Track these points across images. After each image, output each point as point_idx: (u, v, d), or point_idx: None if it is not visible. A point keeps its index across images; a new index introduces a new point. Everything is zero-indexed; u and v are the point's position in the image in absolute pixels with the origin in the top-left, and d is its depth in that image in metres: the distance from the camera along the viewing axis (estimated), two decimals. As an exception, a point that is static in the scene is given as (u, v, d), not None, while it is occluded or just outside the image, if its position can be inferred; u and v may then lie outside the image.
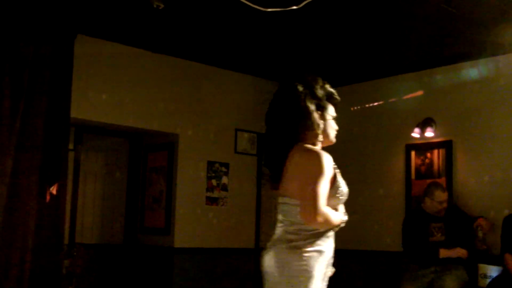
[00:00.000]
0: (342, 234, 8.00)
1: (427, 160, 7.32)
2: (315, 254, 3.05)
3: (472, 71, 7.02)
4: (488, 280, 6.07)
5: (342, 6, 5.60)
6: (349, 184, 7.97)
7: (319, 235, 3.08)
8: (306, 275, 3.01)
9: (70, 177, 6.62)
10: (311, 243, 3.05)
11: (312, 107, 3.12)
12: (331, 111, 3.27)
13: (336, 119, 3.35)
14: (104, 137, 7.63)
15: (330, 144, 3.28)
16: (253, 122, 7.79)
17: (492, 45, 6.49)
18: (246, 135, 7.75)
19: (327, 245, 3.16)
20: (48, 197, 5.86)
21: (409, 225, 6.60)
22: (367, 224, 7.70)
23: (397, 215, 7.29)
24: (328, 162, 3.02)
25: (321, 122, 3.17)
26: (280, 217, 3.15)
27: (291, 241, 3.03)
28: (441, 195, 6.43)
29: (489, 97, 6.89)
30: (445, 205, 6.44)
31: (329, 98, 3.27)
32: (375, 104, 7.76)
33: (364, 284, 7.59)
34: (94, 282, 7.19)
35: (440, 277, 6.17)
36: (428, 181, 6.99)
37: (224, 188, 7.49)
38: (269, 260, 3.09)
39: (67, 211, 6.34)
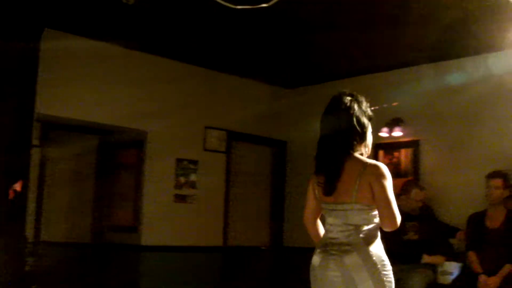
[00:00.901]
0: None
1: (394, 160, 7.37)
2: (384, 251, 3.35)
3: (441, 73, 7.11)
4: (449, 277, 6.12)
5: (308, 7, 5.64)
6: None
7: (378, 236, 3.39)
8: (389, 269, 3.30)
9: (36, 174, 6.54)
10: (380, 242, 3.36)
11: (367, 123, 3.48)
12: (370, 132, 3.55)
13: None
14: (72, 133, 7.53)
15: (368, 156, 3.52)
16: (223, 120, 7.80)
17: (460, 48, 6.57)
18: (215, 132, 7.73)
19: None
20: (11, 194, 5.77)
21: None
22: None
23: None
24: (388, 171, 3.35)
25: (368, 137, 3.49)
26: (343, 222, 3.37)
27: (368, 242, 3.30)
28: (418, 194, 6.53)
29: (456, 98, 6.95)
30: (420, 204, 6.51)
31: (370, 117, 3.54)
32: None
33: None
34: (58, 281, 7.10)
35: (407, 276, 6.20)
36: (395, 180, 7.00)
37: (193, 185, 7.46)
38: (354, 265, 3.27)
39: (33, 209, 6.26)
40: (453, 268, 6.13)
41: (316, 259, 3.48)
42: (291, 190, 8.45)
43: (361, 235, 3.31)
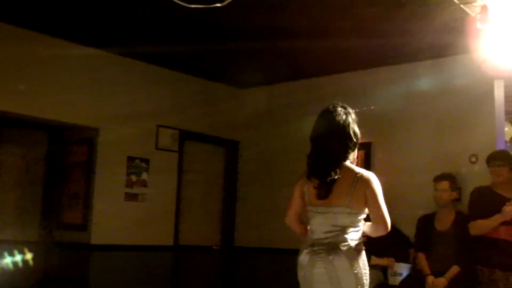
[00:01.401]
0: (262, 232, 8.11)
1: (346, 161, 7.44)
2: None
3: (393, 75, 7.23)
4: (398, 278, 6.22)
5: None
6: (271, 182, 8.10)
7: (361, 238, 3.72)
8: (367, 266, 3.67)
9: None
10: (362, 243, 3.70)
11: (359, 138, 3.78)
12: None
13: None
14: (21, 129, 7.41)
15: (355, 161, 3.86)
16: (176, 119, 7.77)
17: (413, 52, 6.70)
18: (168, 131, 7.70)
19: None
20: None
21: None
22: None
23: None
24: None
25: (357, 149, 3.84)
26: (331, 223, 3.66)
27: (355, 244, 3.63)
28: None
29: (408, 101, 7.08)
30: None
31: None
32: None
33: (284, 282, 7.65)
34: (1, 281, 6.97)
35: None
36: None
37: (144, 184, 7.42)
38: (339, 263, 3.58)
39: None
40: (402, 269, 6.23)
41: (304, 258, 3.72)
42: (243, 190, 8.47)
43: (347, 237, 3.62)
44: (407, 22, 5.89)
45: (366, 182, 3.63)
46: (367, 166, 7.19)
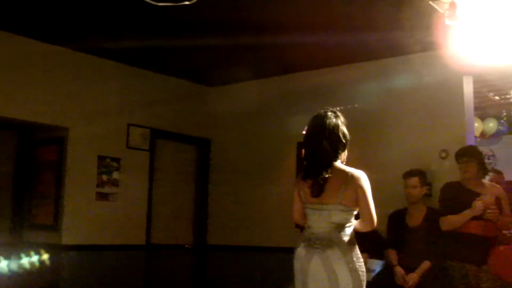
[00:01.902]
0: (234, 230, 8.13)
1: (317, 158, 7.47)
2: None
3: (362, 72, 7.28)
4: (371, 274, 6.26)
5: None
6: (243, 180, 8.12)
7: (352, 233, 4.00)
8: (362, 260, 3.94)
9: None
10: (353, 237, 3.97)
11: (347, 134, 4.08)
12: None
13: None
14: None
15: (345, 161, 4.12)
16: (146, 117, 7.74)
17: (381, 48, 6.74)
18: (139, 130, 7.66)
19: None
20: None
21: None
22: (259, 220, 7.80)
23: (288, 211, 7.37)
24: None
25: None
26: (326, 220, 3.94)
27: (347, 238, 3.90)
28: None
29: (377, 97, 7.13)
30: None
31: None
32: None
33: (256, 279, 7.67)
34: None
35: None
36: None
37: (115, 183, 7.37)
38: (335, 257, 3.85)
39: None
40: (375, 266, 6.26)
41: (301, 252, 3.99)
42: (215, 189, 8.47)
43: (341, 232, 3.91)
44: (376, 18, 5.93)
45: (357, 181, 3.90)
46: (339, 163, 7.23)
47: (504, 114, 9.92)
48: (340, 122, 4.07)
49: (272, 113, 7.96)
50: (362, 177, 3.94)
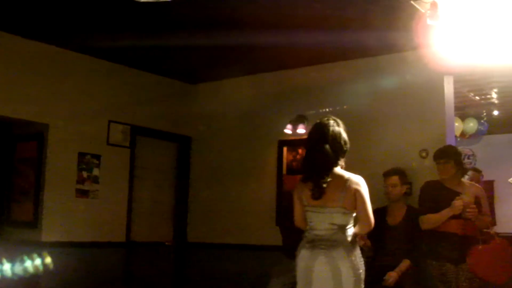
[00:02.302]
0: (214, 228, 8.13)
1: (298, 156, 7.51)
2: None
3: (343, 71, 7.30)
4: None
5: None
6: (223, 178, 8.10)
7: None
8: (362, 262, 4.27)
9: None
10: (354, 237, 4.29)
11: (347, 141, 4.39)
12: None
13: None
14: (-32, 125, 7.29)
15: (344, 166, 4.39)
16: (127, 114, 7.71)
17: (362, 47, 6.76)
18: (119, 127, 7.63)
19: None
20: None
21: (287, 220, 6.73)
22: (240, 218, 7.81)
23: (269, 209, 7.43)
24: None
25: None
26: (328, 221, 4.24)
27: (350, 239, 4.22)
28: None
29: (358, 97, 7.15)
30: None
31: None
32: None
33: (236, 276, 7.67)
34: None
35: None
36: (299, 176, 7.13)
37: (95, 180, 7.34)
38: (340, 257, 4.15)
39: None
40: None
41: (306, 252, 4.28)
42: (195, 186, 8.46)
43: (344, 233, 4.21)
44: (357, 18, 5.95)
45: (356, 185, 4.21)
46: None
47: (484, 114, 9.99)
48: (342, 130, 4.36)
49: (253, 111, 7.97)
50: (360, 182, 4.24)
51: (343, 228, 4.23)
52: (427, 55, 6.45)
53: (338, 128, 4.36)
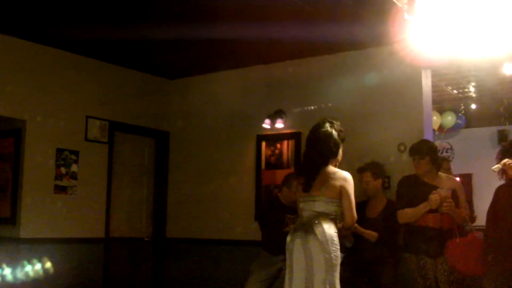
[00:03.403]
0: (193, 223, 8.11)
1: (277, 151, 7.51)
2: (336, 233, 4.66)
3: (320, 66, 7.31)
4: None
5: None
6: (202, 173, 8.08)
7: (337, 223, 4.71)
8: (337, 246, 4.61)
9: None
10: (334, 225, 4.67)
11: (340, 144, 4.87)
12: (341, 147, 4.92)
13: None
14: None
15: (336, 167, 4.88)
16: (105, 110, 7.68)
17: (340, 41, 6.76)
18: (97, 122, 7.59)
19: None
20: None
21: (266, 215, 6.77)
22: (219, 213, 7.81)
23: (247, 204, 7.44)
24: None
25: (338, 156, 4.90)
26: (310, 209, 4.75)
27: (324, 224, 4.60)
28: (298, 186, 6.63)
29: (336, 91, 7.16)
30: None
31: (342, 139, 4.91)
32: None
33: (216, 272, 7.67)
34: None
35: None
36: (277, 171, 7.22)
37: (74, 176, 7.30)
38: (312, 241, 4.58)
39: None
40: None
41: (289, 237, 4.78)
42: (174, 181, 8.44)
43: (322, 220, 4.62)
44: (335, 12, 5.95)
45: (342, 180, 4.73)
46: (297, 155, 7.27)
47: (462, 107, 10.06)
48: (335, 133, 4.83)
49: (231, 106, 7.96)
50: (346, 176, 4.76)
51: (322, 215, 4.66)
52: (405, 49, 6.46)
53: (330, 130, 4.82)
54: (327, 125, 4.87)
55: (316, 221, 4.64)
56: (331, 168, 4.82)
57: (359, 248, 6.12)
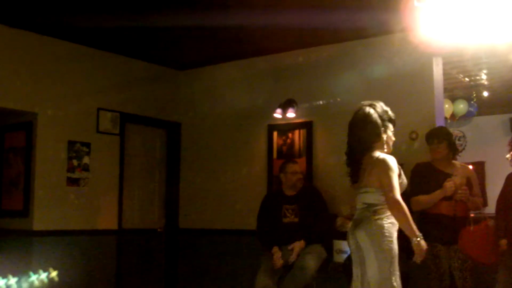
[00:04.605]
0: (206, 213, 8.12)
1: (288, 140, 7.49)
2: (391, 225, 4.29)
3: (331, 53, 7.28)
4: (343, 255, 6.29)
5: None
6: (213, 163, 8.08)
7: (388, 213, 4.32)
8: (389, 239, 4.26)
9: None
10: (387, 217, 4.29)
11: (381, 126, 4.45)
12: (391, 128, 4.54)
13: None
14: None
15: (389, 151, 4.49)
16: (116, 102, 7.69)
17: (350, 29, 6.73)
18: (108, 114, 7.60)
19: (394, 220, 4.32)
20: None
21: (262, 208, 6.78)
22: (231, 203, 7.81)
23: (259, 194, 7.42)
24: (394, 163, 4.31)
25: (385, 136, 4.46)
26: (361, 201, 4.43)
27: (374, 217, 4.29)
28: (291, 166, 6.68)
29: (347, 79, 7.14)
30: (299, 176, 6.68)
31: (390, 119, 4.53)
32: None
33: (228, 262, 7.68)
34: None
35: (301, 256, 6.32)
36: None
37: (86, 168, 7.32)
38: (360, 235, 4.31)
39: None
40: (347, 247, 6.28)
41: (348, 229, 4.56)
42: (186, 172, 8.44)
43: (372, 212, 4.31)
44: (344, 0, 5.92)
45: (379, 164, 4.31)
46: (309, 145, 7.26)
47: (474, 95, 10.00)
48: (372, 112, 4.45)
49: (242, 96, 7.94)
50: (384, 161, 4.31)
51: (372, 207, 4.33)
52: (416, 36, 6.43)
53: (367, 111, 4.47)
54: (365, 107, 4.51)
55: (366, 214, 4.34)
56: (374, 154, 4.38)
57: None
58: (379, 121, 4.44)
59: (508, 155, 5.30)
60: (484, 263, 5.57)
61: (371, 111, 4.46)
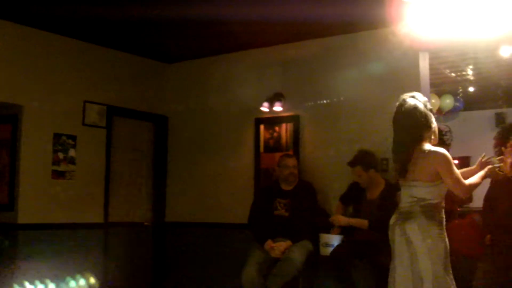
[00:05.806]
0: (193, 207, 8.12)
1: (275, 134, 7.50)
2: (442, 219, 4.32)
3: (318, 48, 7.28)
4: (330, 248, 6.31)
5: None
6: (201, 157, 8.08)
7: (441, 208, 4.33)
8: (442, 236, 4.27)
9: None
10: (440, 213, 4.31)
11: (430, 115, 4.39)
12: (434, 120, 4.46)
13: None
14: None
15: (436, 142, 4.46)
16: (103, 94, 7.65)
17: (336, 24, 6.73)
18: (95, 107, 7.56)
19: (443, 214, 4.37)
20: None
21: (256, 198, 6.80)
22: (218, 197, 7.81)
23: (246, 188, 7.44)
24: (448, 154, 4.26)
25: (433, 126, 4.42)
26: (409, 195, 4.35)
27: (424, 211, 4.25)
28: (286, 160, 6.76)
29: (333, 74, 7.15)
30: (293, 170, 6.72)
31: (430, 109, 4.46)
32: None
33: (215, 255, 7.69)
34: None
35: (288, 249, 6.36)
36: (276, 154, 7.22)
37: (72, 161, 7.28)
38: (411, 229, 4.26)
39: None
40: (333, 240, 6.31)
41: (390, 225, 4.45)
42: (173, 166, 8.43)
43: (421, 206, 4.26)
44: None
45: (433, 157, 4.24)
46: (296, 138, 7.27)
47: (460, 90, 10.05)
48: (418, 103, 4.38)
49: (229, 89, 7.94)
50: (438, 153, 4.24)
51: (421, 201, 4.28)
52: (403, 31, 6.44)
53: (413, 102, 4.39)
54: (409, 99, 4.44)
55: (416, 209, 4.27)
56: (424, 146, 4.31)
57: (357, 228, 6.18)
58: (427, 111, 4.40)
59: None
60: (468, 255, 5.60)
61: (417, 102, 4.40)
